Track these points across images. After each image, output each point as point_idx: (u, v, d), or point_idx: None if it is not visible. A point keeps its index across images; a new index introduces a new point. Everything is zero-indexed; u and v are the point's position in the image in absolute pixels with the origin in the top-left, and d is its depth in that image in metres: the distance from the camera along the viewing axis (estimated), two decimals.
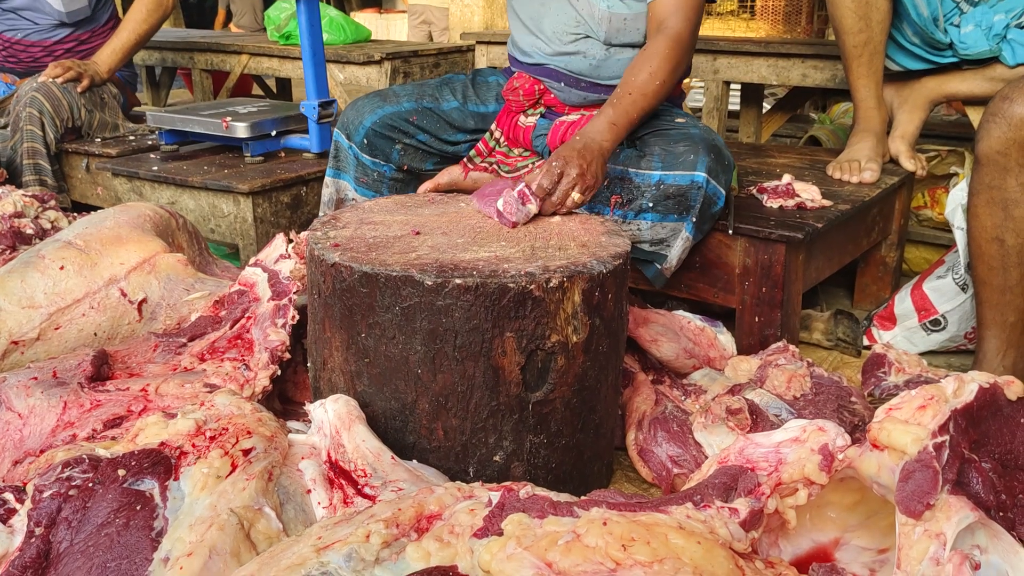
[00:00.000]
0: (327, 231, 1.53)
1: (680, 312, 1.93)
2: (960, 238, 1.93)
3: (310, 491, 1.25)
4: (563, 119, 2.04)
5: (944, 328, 2.08)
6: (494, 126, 2.09)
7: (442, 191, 2.09)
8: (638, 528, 0.96)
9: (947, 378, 1.06)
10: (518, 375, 1.35)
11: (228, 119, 2.76)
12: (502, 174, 2.09)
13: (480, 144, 2.09)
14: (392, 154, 2.03)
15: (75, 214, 2.50)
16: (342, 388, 1.46)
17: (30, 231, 2.26)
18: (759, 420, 1.60)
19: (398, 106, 2.02)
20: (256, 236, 2.56)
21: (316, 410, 1.36)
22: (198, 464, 1.20)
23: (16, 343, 1.72)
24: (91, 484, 1.16)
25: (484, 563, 0.96)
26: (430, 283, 1.30)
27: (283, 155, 2.88)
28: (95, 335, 1.79)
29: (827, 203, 2.04)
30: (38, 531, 1.11)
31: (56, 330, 1.76)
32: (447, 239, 1.49)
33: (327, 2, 8.82)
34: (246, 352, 1.65)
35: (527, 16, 2.04)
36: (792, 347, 1.84)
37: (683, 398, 1.75)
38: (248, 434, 1.27)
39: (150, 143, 3.11)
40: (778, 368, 1.75)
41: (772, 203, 2.03)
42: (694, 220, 1.81)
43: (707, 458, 1.54)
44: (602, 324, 1.40)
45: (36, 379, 1.52)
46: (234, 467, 1.20)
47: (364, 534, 1.02)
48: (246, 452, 1.23)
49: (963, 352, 2.13)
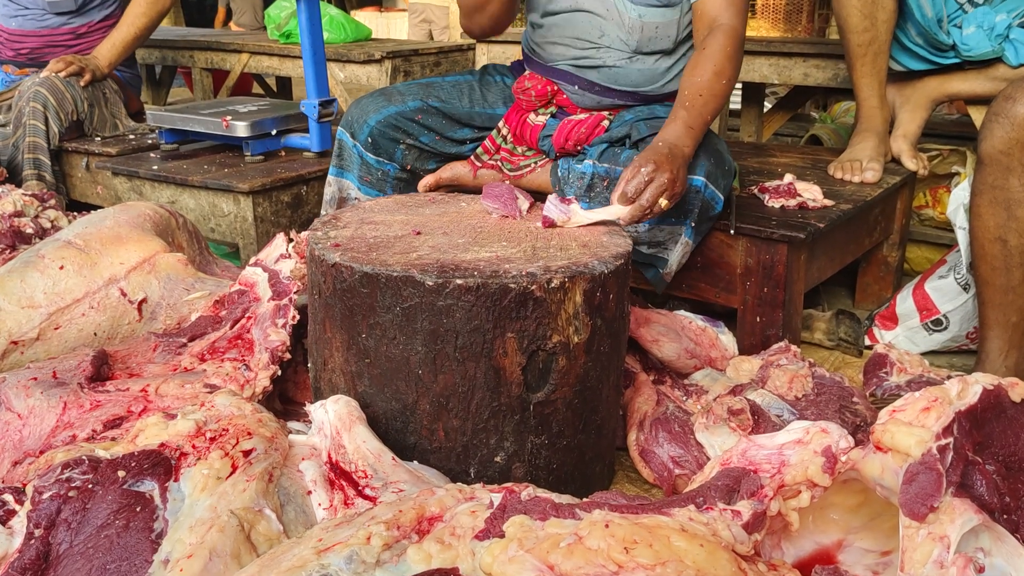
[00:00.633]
0: (327, 231, 1.52)
1: (681, 312, 1.93)
2: (962, 238, 1.92)
3: (311, 492, 1.25)
4: (570, 118, 2.03)
5: (946, 328, 2.08)
6: (502, 123, 2.08)
7: (443, 186, 2.08)
8: (640, 530, 0.96)
9: (951, 380, 1.06)
10: (519, 376, 1.34)
11: (228, 118, 2.75)
12: (505, 171, 2.08)
13: (487, 141, 2.08)
14: (396, 154, 2.02)
15: (75, 213, 2.50)
16: (343, 389, 1.45)
17: (30, 230, 2.26)
18: (761, 421, 1.60)
19: (403, 105, 2.01)
20: (256, 235, 2.56)
21: (316, 411, 1.36)
22: (198, 465, 1.19)
23: (16, 343, 1.71)
24: (91, 485, 1.16)
25: (486, 565, 0.96)
26: (431, 283, 1.29)
27: (283, 154, 2.88)
28: (95, 335, 1.79)
29: (829, 203, 2.03)
30: (37, 532, 1.11)
31: (56, 330, 1.75)
32: (448, 239, 1.49)
33: (327, 1, 8.82)
34: (246, 352, 1.64)
35: (547, 20, 2.01)
36: (794, 347, 1.84)
37: (684, 398, 1.74)
38: (248, 435, 1.26)
39: (150, 142, 3.10)
40: (780, 368, 1.75)
41: (774, 203, 2.03)
42: (692, 224, 1.81)
43: (708, 459, 1.54)
44: (604, 324, 1.40)
45: (36, 379, 1.52)
46: (234, 468, 1.20)
47: (365, 536, 1.02)
48: (246, 453, 1.23)
49: (965, 352, 2.12)
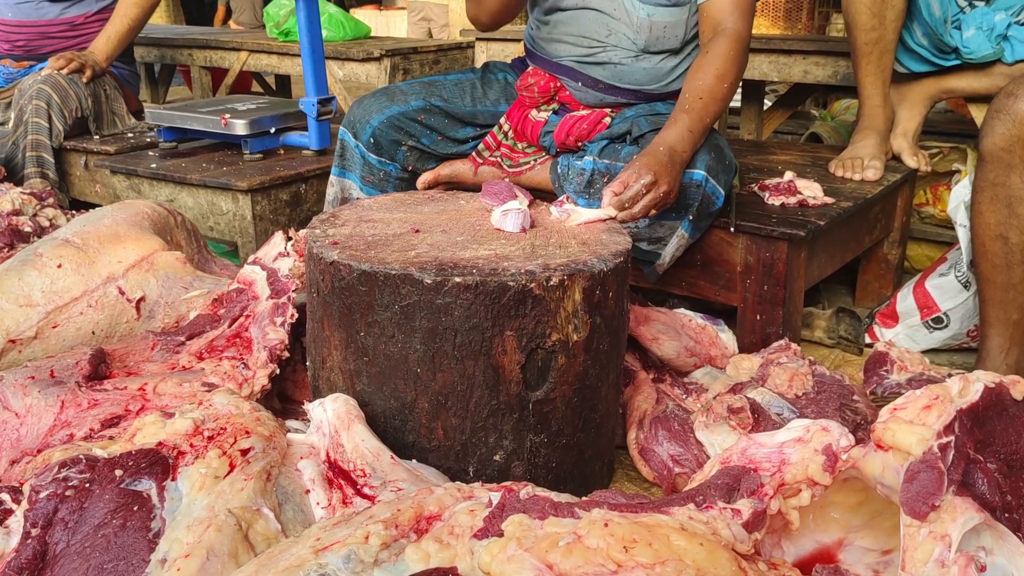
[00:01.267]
0: (326, 229, 1.51)
1: (681, 310, 1.92)
2: (963, 235, 1.91)
3: (309, 491, 1.24)
4: (572, 114, 2.02)
5: (946, 326, 2.07)
6: (503, 119, 2.07)
7: (442, 183, 2.08)
8: (640, 529, 0.95)
9: (952, 378, 1.05)
10: (518, 374, 1.34)
11: (227, 116, 2.74)
12: (505, 168, 2.08)
13: (488, 138, 2.08)
14: (398, 154, 2.02)
15: (73, 212, 2.50)
16: (341, 387, 1.45)
17: (28, 229, 2.26)
18: (761, 419, 1.59)
19: (406, 105, 2.00)
20: (255, 234, 2.55)
21: (315, 409, 1.35)
22: (196, 464, 1.19)
23: (13, 342, 1.71)
24: (88, 484, 1.15)
25: (484, 564, 0.95)
26: (429, 281, 1.29)
27: (282, 152, 2.87)
28: (93, 334, 1.78)
29: (829, 200, 2.03)
30: (34, 532, 1.10)
31: (54, 328, 1.75)
32: (447, 237, 1.48)
33: None
34: (245, 351, 1.64)
35: (553, 17, 2.00)
36: (794, 345, 1.83)
37: (684, 397, 1.74)
38: (246, 434, 1.26)
39: (149, 140, 3.10)
40: (780, 366, 1.74)
41: (774, 200, 2.02)
42: (691, 218, 1.80)
43: (708, 457, 1.53)
44: (603, 322, 1.39)
45: (33, 378, 1.51)
46: (232, 467, 1.19)
47: (363, 535, 1.01)
48: (244, 452, 1.22)
49: (966, 350, 2.12)
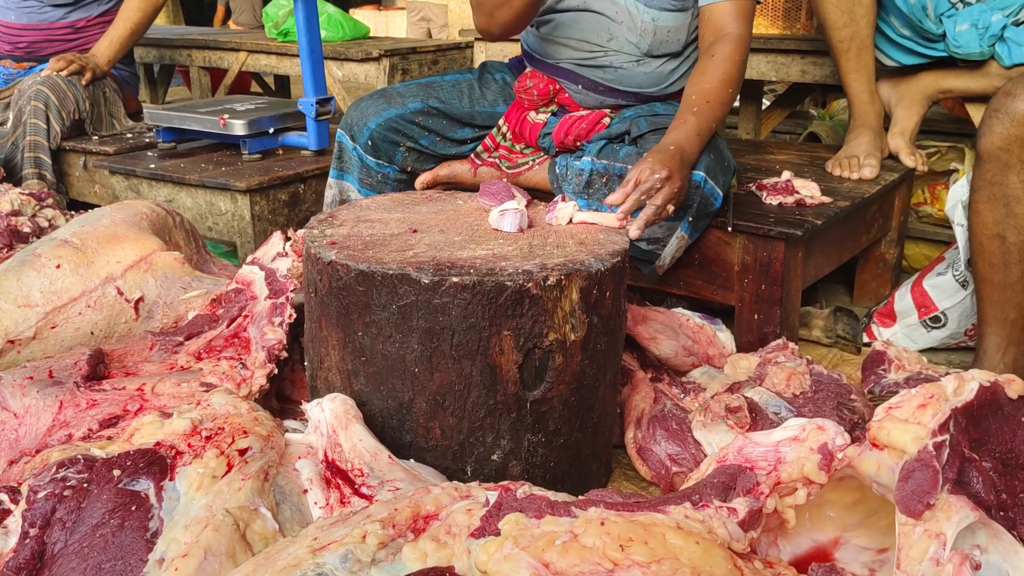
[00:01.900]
0: (324, 229, 1.52)
1: (679, 310, 1.93)
2: (960, 235, 1.92)
3: (307, 491, 1.25)
4: (571, 114, 2.02)
5: (944, 325, 2.07)
6: (502, 120, 2.07)
7: (441, 183, 2.08)
8: (636, 528, 0.96)
9: (947, 376, 1.06)
10: (515, 374, 1.34)
11: (226, 116, 2.75)
12: (503, 169, 2.08)
13: (487, 139, 2.08)
14: (396, 156, 2.02)
15: (72, 212, 2.50)
16: (339, 387, 1.45)
17: (27, 229, 2.26)
18: (758, 418, 1.59)
19: (403, 108, 2.00)
20: (254, 234, 2.56)
21: (313, 409, 1.35)
22: (194, 464, 1.19)
23: (12, 342, 1.71)
24: (86, 484, 1.16)
25: (481, 563, 0.95)
26: (427, 281, 1.29)
27: (281, 152, 2.87)
28: (91, 334, 1.79)
29: (826, 200, 2.03)
30: (33, 532, 1.11)
31: (52, 329, 1.75)
32: (444, 237, 1.48)
33: None
34: (243, 351, 1.64)
35: (552, 18, 2.00)
36: (791, 344, 1.84)
37: (682, 396, 1.74)
38: (244, 434, 1.26)
39: (148, 141, 3.10)
40: (777, 366, 1.75)
41: (771, 200, 2.02)
42: (690, 219, 1.81)
43: (706, 456, 1.53)
44: (600, 322, 1.39)
45: (32, 378, 1.52)
46: (230, 467, 1.20)
47: (360, 535, 1.01)
48: (242, 452, 1.22)
49: (963, 349, 2.12)
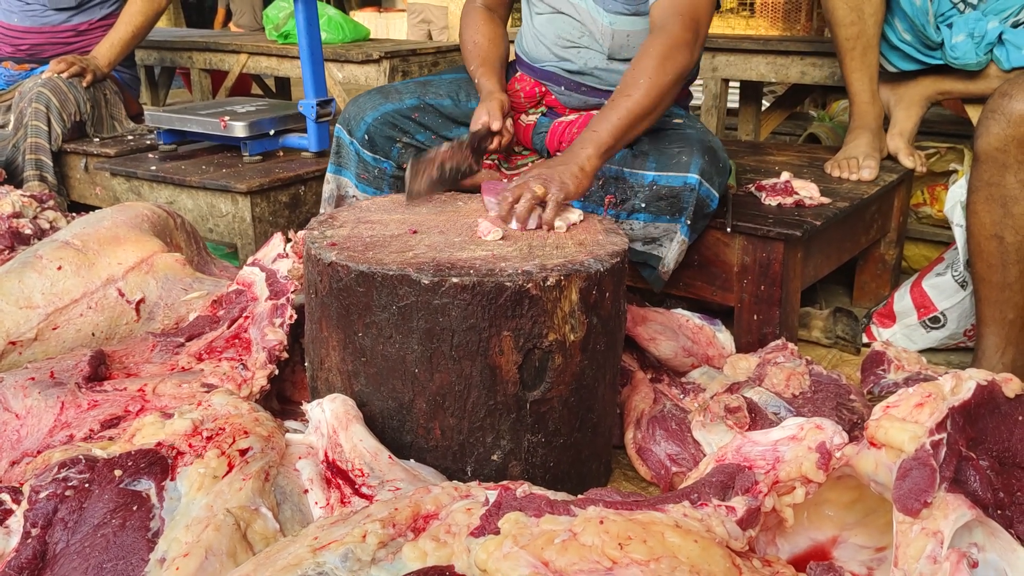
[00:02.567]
0: (324, 230, 1.52)
1: (678, 310, 1.93)
2: (959, 235, 1.92)
3: (307, 491, 1.25)
4: (562, 119, 2.04)
5: (943, 325, 2.08)
6: None
7: None
8: (634, 527, 0.96)
9: (945, 376, 1.06)
10: (515, 374, 1.35)
11: (226, 118, 2.75)
12: (502, 170, 2.09)
13: None
14: (392, 152, 2.03)
15: (73, 214, 2.50)
16: (339, 388, 1.46)
17: (28, 231, 2.26)
18: (758, 418, 1.60)
19: (400, 103, 2.02)
20: (254, 235, 2.56)
21: (313, 410, 1.36)
22: (195, 464, 1.20)
23: (14, 343, 1.72)
24: (87, 485, 1.16)
25: (481, 562, 0.96)
26: (427, 282, 1.30)
27: (281, 154, 2.88)
28: (93, 335, 1.79)
29: (826, 200, 2.03)
30: (34, 532, 1.11)
31: (54, 330, 1.76)
32: (444, 238, 1.49)
33: (326, 1, 8.80)
34: (244, 352, 1.64)
35: (535, 20, 2.04)
36: (791, 345, 1.84)
37: (682, 396, 1.74)
38: (245, 434, 1.27)
39: (148, 143, 3.11)
40: (777, 366, 1.75)
41: (770, 201, 2.03)
42: (688, 222, 1.80)
43: (706, 457, 1.54)
44: (600, 323, 1.40)
45: (33, 379, 1.52)
46: (231, 467, 1.20)
47: (360, 534, 1.02)
48: (243, 452, 1.23)
49: (963, 349, 2.12)
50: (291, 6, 3.89)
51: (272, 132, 2.83)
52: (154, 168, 2.71)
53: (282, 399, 1.75)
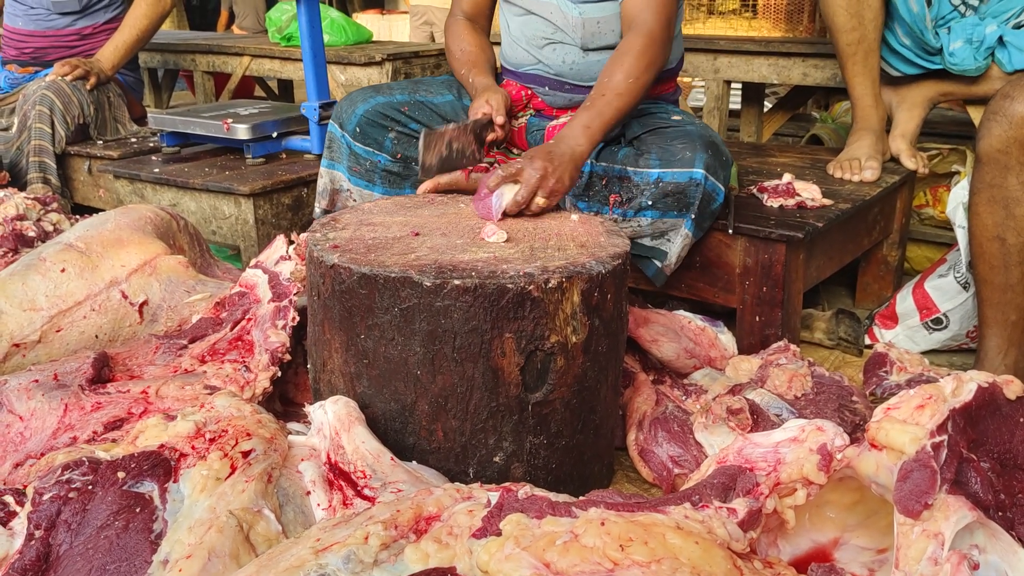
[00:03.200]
0: (326, 232, 1.53)
1: (680, 312, 1.93)
2: (961, 236, 1.92)
3: (310, 493, 1.26)
4: (555, 123, 2.05)
5: (946, 327, 2.08)
6: None
7: (442, 191, 2.09)
8: (636, 528, 0.96)
9: (946, 377, 1.06)
10: (517, 376, 1.35)
11: (229, 121, 2.76)
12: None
13: None
14: (385, 143, 2.03)
15: (77, 216, 2.51)
16: (342, 390, 1.46)
17: (32, 233, 2.27)
18: (760, 420, 1.60)
19: (391, 97, 2.04)
20: (257, 238, 2.57)
21: (316, 412, 1.36)
22: (197, 466, 1.20)
23: (17, 346, 1.72)
24: (91, 486, 1.16)
25: (482, 563, 0.96)
26: (429, 284, 1.30)
27: (284, 156, 2.89)
28: (96, 337, 1.80)
29: (828, 202, 2.04)
30: (38, 533, 1.12)
31: (57, 332, 1.76)
32: (446, 240, 1.49)
33: (328, 3, 8.82)
34: (246, 354, 1.65)
35: (511, 26, 2.08)
36: (793, 347, 1.84)
37: (684, 398, 1.74)
38: (248, 436, 1.27)
39: (152, 145, 3.11)
40: (779, 368, 1.75)
41: (772, 202, 2.03)
42: (694, 217, 1.81)
43: (707, 458, 1.54)
44: (601, 324, 1.40)
45: (37, 382, 1.53)
46: (233, 469, 1.20)
47: (363, 536, 1.02)
48: (246, 454, 1.23)
49: (965, 351, 2.12)
50: (294, 8, 3.90)
51: (275, 134, 2.84)
52: (157, 170, 2.72)
53: (284, 401, 1.76)
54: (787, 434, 1.10)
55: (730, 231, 1.92)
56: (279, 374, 1.61)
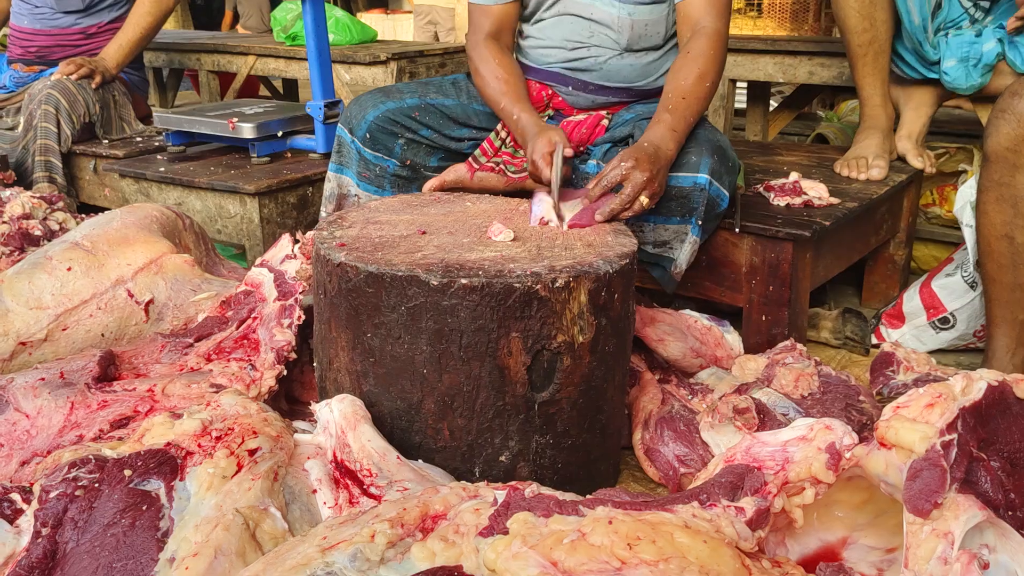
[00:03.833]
0: (333, 231, 1.53)
1: (687, 311, 1.93)
2: (969, 235, 1.91)
3: (316, 491, 1.25)
4: (570, 119, 2.04)
5: (953, 326, 2.07)
6: (500, 126, 2.08)
7: (447, 189, 2.09)
8: (643, 527, 0.96)
9: (955, 376, 1.06)
10: (524, 375, 1.34)
11: (234, 120, 2.76)
12: (508, 175, 2.08)
13: (485, 144, 2.08)
14: (395, 149, 2.03)
15: (82, 215, 2.51)
16: (348, 388, 1.46)
17: (38, 232, 2.27)
18: (766, 419, 1.59)
19: (401, 102, 2.02)
20: (262, 237, 2.57)
21: (322, 410, 1.36)
22: (204, 464, 1.20)
23: (24, 344, 1.72)
24: (97, 484, 1.16)
25: (489, 562, 0.96)
26: (436, 283, 1.30)
27: (289, 156, 2.89)
28: (102, 336, 1.80)
29: (835, 201, 2.03)
30: (44, 531, 1.12)
31: (63, 331, 1.76)
32: (453, 239, 1.49)
33: (333, 3, 8.83)
34: (252, 352, 1.65)
35: (537, 26, 2.04)
36: (800, 346, 1.83)
37: (690, 397, 1.74)
38: (254, 434, 1.27)
39: (157, 144, 3.12)
40: (786, 367, 1.75)
41: (779, 201, 2.02)
42: (699, 222, 1.80)
43: (714, 458, 1.53)
44: (608, 324, 1.40)
45: (43, 380, 1.53)
46: (240, 467, 1.20)
47: (369, 534, 1.02)
48: (252, 452, 1.23)
49: (972, 350, 2.11)
50: (299, 8, 3.90)
51: (280, 133, 2.84)
52: (163, 169, 2.72)
53: (291, 399, 1.76)
54: (795, 433, 1.10)
55: (737, 230, 1.91)
56: (285, 372, 1.61)
